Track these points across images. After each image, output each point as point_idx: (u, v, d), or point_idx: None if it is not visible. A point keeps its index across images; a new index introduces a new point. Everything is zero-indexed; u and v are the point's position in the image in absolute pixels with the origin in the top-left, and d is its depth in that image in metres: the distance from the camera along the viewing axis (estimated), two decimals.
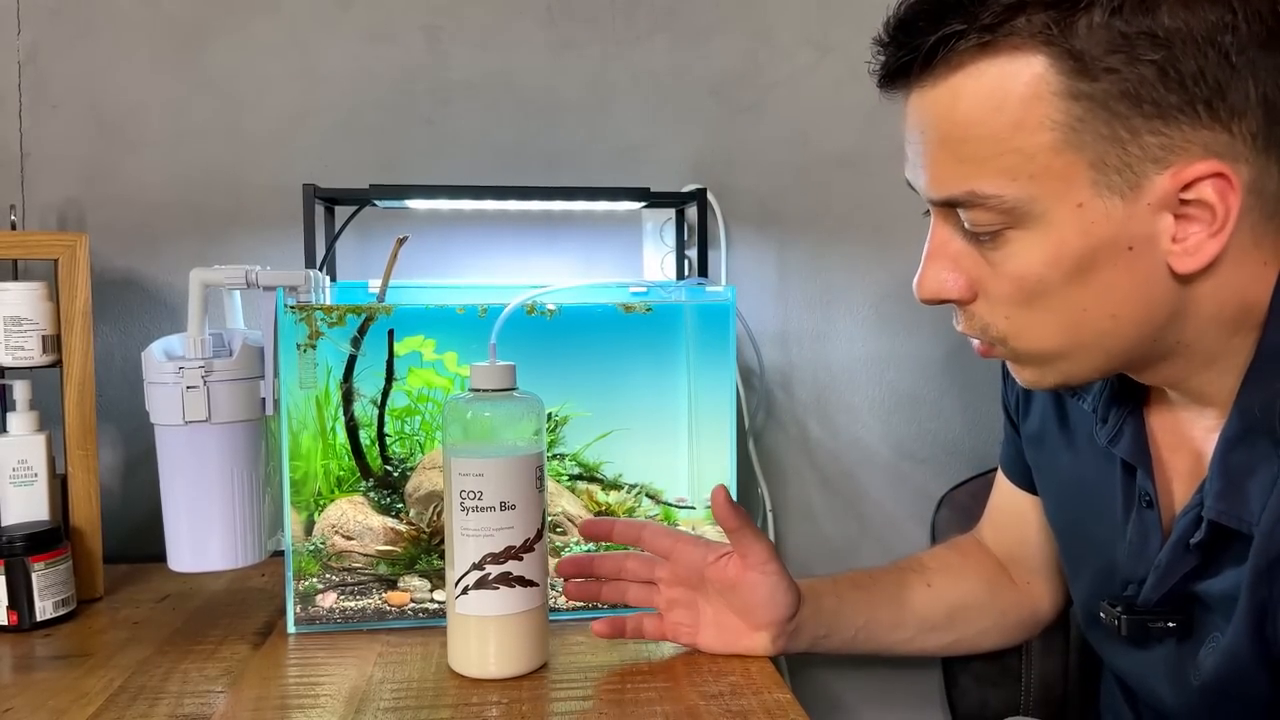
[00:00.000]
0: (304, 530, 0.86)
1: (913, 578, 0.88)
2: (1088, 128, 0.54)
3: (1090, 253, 0.57)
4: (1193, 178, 0.54)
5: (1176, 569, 0.65)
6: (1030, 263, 0.58)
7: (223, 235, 1.13)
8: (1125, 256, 0.56)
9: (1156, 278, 0.57)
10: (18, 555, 0.86)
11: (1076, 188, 0.55)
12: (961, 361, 1.22)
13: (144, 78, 1.12)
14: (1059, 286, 0.58)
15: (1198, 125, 0.54)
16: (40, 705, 0.72)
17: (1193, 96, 0.53)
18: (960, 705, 1.13)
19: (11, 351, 0.93)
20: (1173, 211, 0.56)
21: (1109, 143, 0.54)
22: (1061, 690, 1.09)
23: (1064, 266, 0.57)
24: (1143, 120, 0.54)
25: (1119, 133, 0.54)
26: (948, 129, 0.58)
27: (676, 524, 0.92)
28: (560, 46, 1.16)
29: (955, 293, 0.63)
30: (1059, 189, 0.56)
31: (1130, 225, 0.56)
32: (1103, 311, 0.58)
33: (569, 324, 0.88)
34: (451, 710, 0.71)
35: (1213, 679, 0.64)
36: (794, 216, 1.19)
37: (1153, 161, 0.54)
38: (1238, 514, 0.59)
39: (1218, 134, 0.54)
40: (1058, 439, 0.79)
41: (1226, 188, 0.54)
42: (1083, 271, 0.57)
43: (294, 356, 0.84)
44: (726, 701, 0.72)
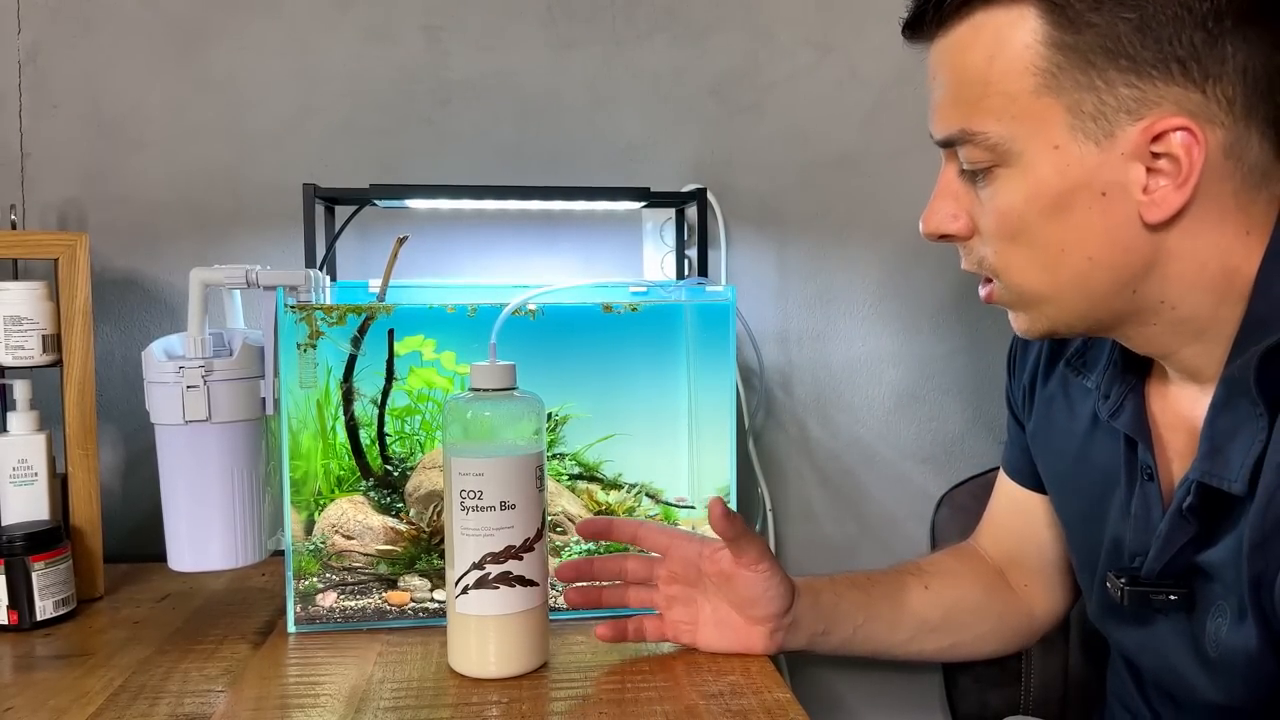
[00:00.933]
0: (304, 530, 0.86)
1: (910, 580, 0.88)
2: (1066, 75, 0.60)
3: (1066, 193, 0.61)
4: (1161, 130, 0.58)
5: (1176, 538, 0.66)
6: (1012, 199, 0.63)
7: (223, 235, 1.13)
8: (1099, 201, 0.61)
9: (1128, 225, 0.61)
10: (18, 555, 0.86)
11: (1053, 129, 0.61)
12: (961, 361, 1.22)
13: (144, 78, 1.12)
14: (1037, 223, 0.63)
15: (1170, 83, 0.58)
16: (41, 705, 0.72)
17: (1167, 55, 0.58)
18: (960, 705, 1.13)
19: (12, 351, 0.93)
20: (1144, 163, 0.60)
21: (1085, 90, 0.59)
22: (1062, 690, 1.09)
23: (1041, 204, 0.62)
24: (1118, 73, 0.59)
25: (1095, 82, 0.59)
26: (953, 73, 0.64)
27: (677, 523, 0.92)
28: (560, 46, 1.16)
29: (954, 227, 0.68)
30: (1037, 130, 0.61)
31: (1103, 171, 0.60)
32: (1080, 252, 0.63)
33: (569, 324, 0.88)
34: (451, 710, 0.71)
35: (1227, 652, 0.64)
36: (794, 216, 1.20)
37: (1126, 112, 0.59)
38: (1220, 474, 0.62)
39: (1190, 93, 0.58)
40: (1064, 425, 0.80)
41: (1192, 142, 0.58)
42: (1059, 210, 0.62)
43: (294, 356, 0.84)
44: (726, 701, 0.72)
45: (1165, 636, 0.71)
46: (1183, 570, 0.67)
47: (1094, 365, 0.77)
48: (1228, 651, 0.64)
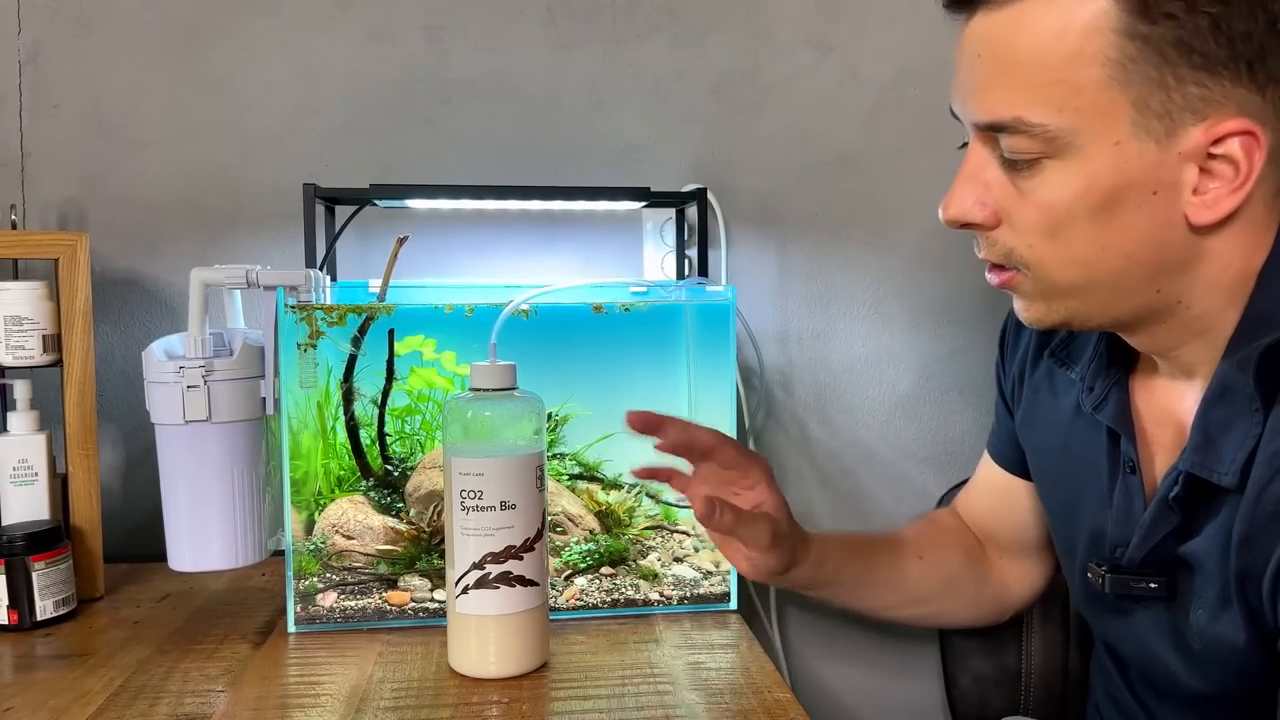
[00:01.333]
0: (304, 530, 0.86)
1: (908, 549, 0.90)
2: (1138, 68, 0.57)
3: (1118, 191, 0.59)
4: (1224, 133, 0.57)
5: (1159, 528, 0.66)
6: (1061, 193, 0.60)
7: (223, 235, 1.13)
8: (1149, 200, 0.59)
9: (1172, 225, 0.60)
10: (18, 555, 0.86)
11: (1117, 125, 0.58)
12: (961, 361, 1.22)
13: (144, 78, 1.12)
14: (1083, 220, 0.60)
15: (1237, 84, 0.56)
16: (41, 705, 0.72)
17: (1238, 55, 0.56)
18: (960, 705, 1.13)
19: (12, 351, 0.93)
20: (1199, 164, 0.58)
21: (1155, 86, 0.57)
22: (1062, 690, 1.09)
23: (1091, 200, 0.60)
24: (1189, 70, 0.56)
25: (1166, 78, 0.56)
26: (1005, 53, 0.60)
27: (676, 523, 0.92)
28: (560, 46, 1.16)
29: (980, 216, 0.64)
30: (1100, 125, 0.58)
31: (1159, 170, 0.58)
32: (1120, 250, 0.61)
33: (569, 324, 0.88)
34: (451, 710, 0.71)
35: (1210, 644, 0.65)
36: (794, 216, 1.19)
37: (1191, 111, 0.57)
38: (1210, 466, 0.62)
39: (1253, 95, 0.57)
40: (1048, 415, 0.80)
41: (1254, 146, 0.57)
42: (1108, 208, 0.60)
43: (294, 356, 0.85)
44: (727, 701, 0.72)
45: (1147, 626, 0.71)
46: (1164, 560, 0.68)
47: (1078, 357, 0.76)
48: (1211, 643, 0.65)
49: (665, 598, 0.91)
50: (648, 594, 0.91)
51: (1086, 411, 0.73)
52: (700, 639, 0.85)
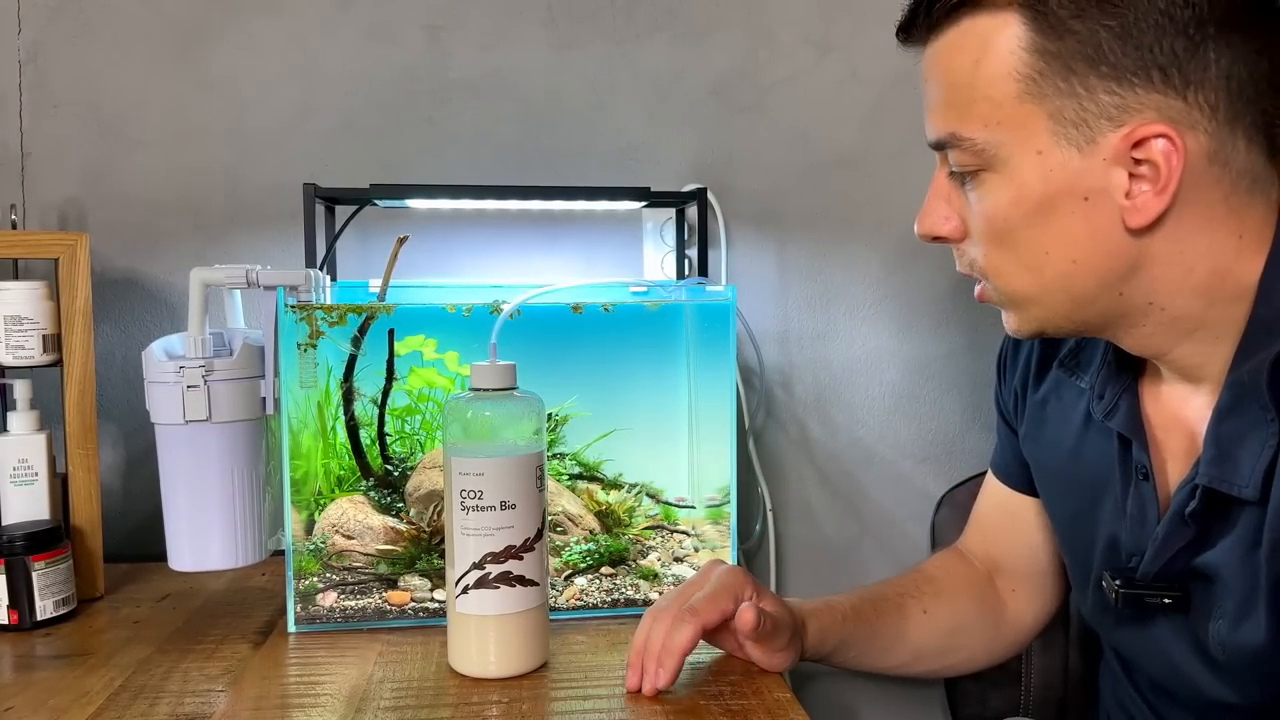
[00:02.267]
0: (304, 529, 0.86)
1: (910, 604, 0.88)
2: (1048, 81, 0.60)
3: (1049, 198, 0.62)
4: (1141, 137, 0.59)
5: (1173, 542, 0.67)
6: (998, 203, 0.64)
7: (223, 235, 1.13)
8: (1082, 206, 0.62)
9: (1111, 229, 0.62)
10: (18, 554, 0.86)
11: (1036, 136, 0.61)
12: (961, 361, 1.22)
13: (144, 77, 1.12)
14: (1022, 227, 0.64)
15: (1151, 90, 0.59)
16: (41, 704, 0.72)
17: (1148, 62, 0.58)
18: (961, 706, 1.13)
19: (12, 351, 0.93)
20: (1127, 169, 0.60)
21: (1067, 97, 0.60)
22: (1061, 690, 1.09)
23: (1025, 208, 0.63)
24: (1098, 79, 0.59)
25: (1076, 89, 0.60)
26: (943, 75, 0.65)
27: (676, 523, 0.92)
28: (560, 46, 1.16)
29: (946, 229, 0.69)
30: (1021, 136, 0.62)
31: (1085, 177, 0.61)
32: (1063, 255, 0.63)
33: (569, 324, 0.88)
34: (452, 709, 0.71)
35: (1235, 653, 0.64)
36: (794, 216, 1.20)
37: (1107, 119, 0.60)
38: (1229, 479, 0.62)
39: (1171, 100, 0.59)
40: (1057, 424, 0.80)
41: (1171, 150, 0.58)
42: (1042, 214, 0.63)
43: (294, 356, 0.85)
44: (726, 701, 0.72)
45: (1165, 636, 0.71)
46: (1179, 573, 0.68)
47: (1087, 365, 0.77)
48: (1234, 651, 0.64)
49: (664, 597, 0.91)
50: (648, 594, 0.91)
51: (1098, 419, 0.74)
52: None
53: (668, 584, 0.91)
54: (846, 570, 1.22)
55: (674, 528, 0.92)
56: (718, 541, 0.93)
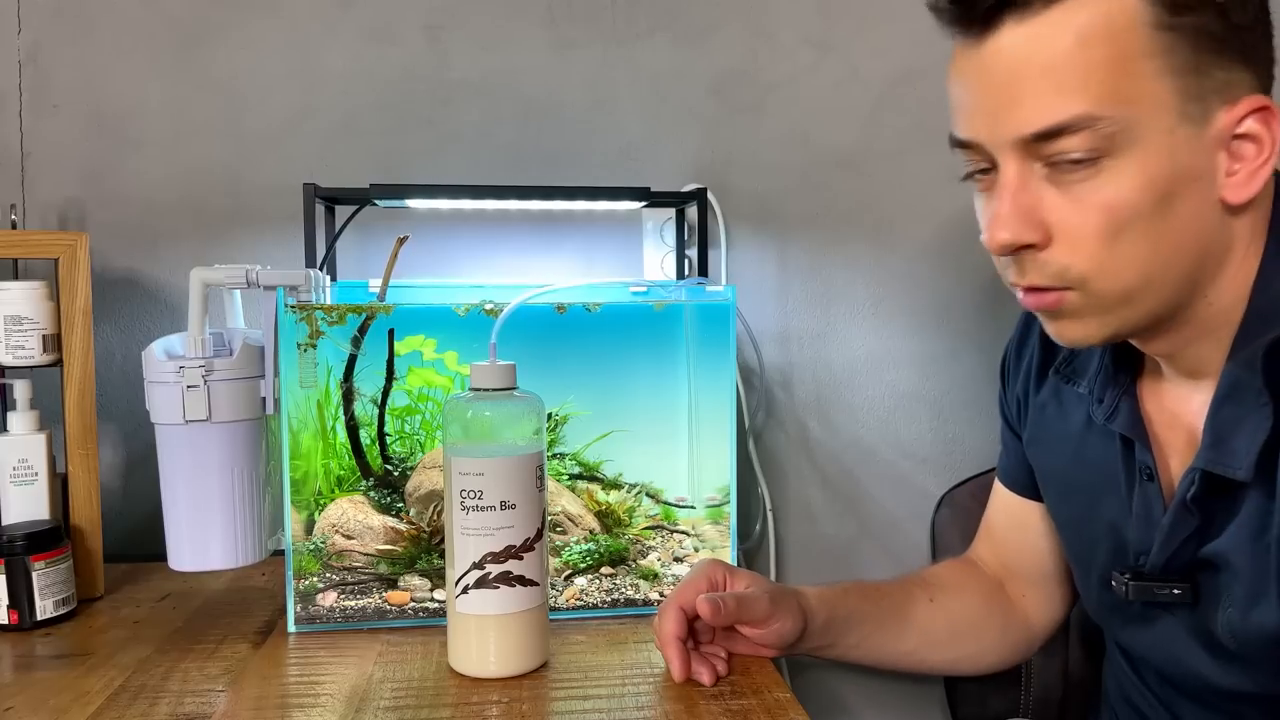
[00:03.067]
0: (304, 529, 0.86)
1: (917, 592, 0.89)
2: (1178, 57, 0.59)
3: (1174, 179, 0.60)
4: (1244, 111, 0.60)
5: (1179, 531, 0.67)
6: (1123, 189, 0.60)
7: (223, 234, 1.13)
8: (1193, 187, 0.61)
9: (1213, 210, 0.62)
10: (18, 554, 0.86)
11: (1168, 113, 0.59)
12: (962, 361, 1.22)
13: (144, 77, 1.12)
14: (1147, 214, 0.60)
15: (1246, 66, 0.60)
16: (41, 704, 0.72)
17: (1239, 42, 0.60)
18: (961, 706, 1.13)
19: (12, 351, 0.93)
20: (1225, 148, 0.61)
21: (1192, 73, 0.59)
22: (1062, 691, 1.09)
23: (1155, 192, 0.60)
24: (1211, 56, 0.59)
25: (1198, 64, 0.59)
26: (1051, 57, 0.60)
27: (676, 523, 0.92)
28: (560, 46, 1.16)
29: (1034, 235, 0.62)
30: (1155, 113, 0.59)
31: (1199, 156, 0.60)
32: (1171, 242, 0.61)
33: (569, 323, 0.88)
34: (452, 709, 0.71)
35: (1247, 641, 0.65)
36: (794, 216, 1.20)
37: (1217, 94, 0.60)
38: (1225, 462, 0.63)
39: (1262, 77, 0.61)
40: (1058, 430, 0.80)
41: (1270, 117, 0.60)
42: (1167, 199, 0.60)
43: (294, 356, 0.85)
44: (726, 701, 0.72)
45: (1173, 630, 0.71)
46: (1186, 564, 0.68)
47: (1083, 371, 0.77)
48: (1246, 639, 0.65)
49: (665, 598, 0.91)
50: (648, 594, 0.91)
51: (1099, 422, 0.74)
52: None
53: (668, 584, 0.91)
54: (846, 570, 1.22)
55: (674, 528, 0.92)
56: (718, 541, 0.93)
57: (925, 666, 0.90)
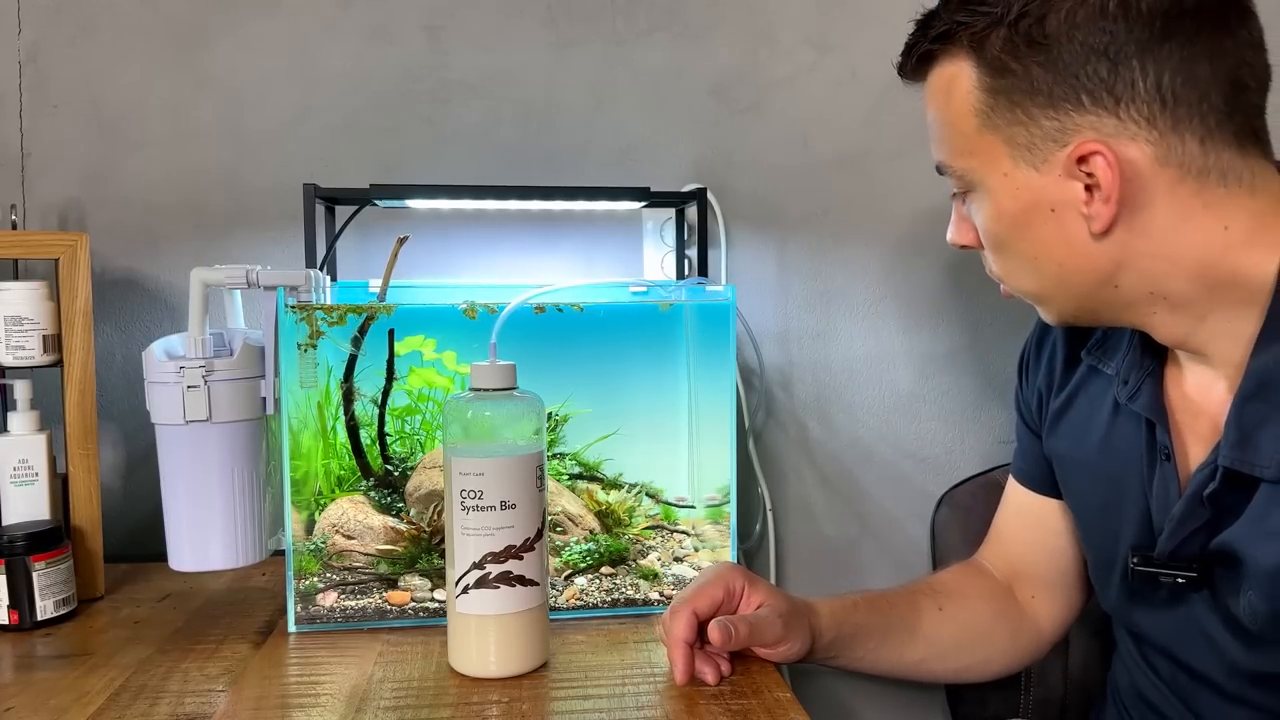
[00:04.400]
0: (305, 529, 0.86)
1: (925, 601, 0.89)
2: (999, 114, 0.68)
3: (1023, 212, 0.69)
4: (1081, 154, 0.65)
5: (1189, 523, 0.69)
6: (984, 219, 0.72)
7: (223, 235, 1.13)
8: (1052, 217, 0.68)
9: (1081, 235, 0.68)
10: (18, 554, 0.87)
11: (999, 160, 0.69)
12: (961, 361, 1.23)
13: (144, 78, 1.12)
14: (1008, 238, 0.71)
15: (1084, 111, 0.65)
16: (41, 704, 0.72)
17: (1076, 88, 0.65)
18: (960, 706, 1.13)
19: (12, 351, 0.93)
20: (1081, 182, 0.66)
21: (1016, 125, 0.67)
22: (1062, 691, 1.09)
23: (1005, 222, 0.71)
24: (1037, 109, 0.66)
25: (1021, 117, 0.67)
26: (930, 114, 0.74)
27: (676, 523, 0.92)
28: (560, 46, 1.16)
29: (968, 239, 0.76)
30: (987, 161, 0.70)
31: (1048, 191, 0.68)
32: (1049, 259, 0.70)
33: (569, 323, 0.88)
34: (452, 709, 0.71)
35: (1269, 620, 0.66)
36: (794, 216, 1.20)
37: (1052, 141, 0.66)
38: (1250, 460, 0.65)
39: (1104, 118, 0.65)
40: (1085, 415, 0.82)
41: (1105, 164, 0.64)
42: (1020, 226, 0.70)
43: (294, 356, 0.85)
44: (726, 701, 0.72)
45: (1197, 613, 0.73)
46: (1196, 554, 0.70)
47: (1114, 352, 0.79)
48: (1268, 620, 0.66)
49: (665, 597, 0.91)
50: (648, 593, 0.91)
51: (1122, 402, 0.76)
52: None
53: (668, 584, 0.91)
54: (846, 570, 1.22)
55: (674, 528, 0.92)
56: (718, 541, 0.93)
57: (932, 676, 0.91)
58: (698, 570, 0.92)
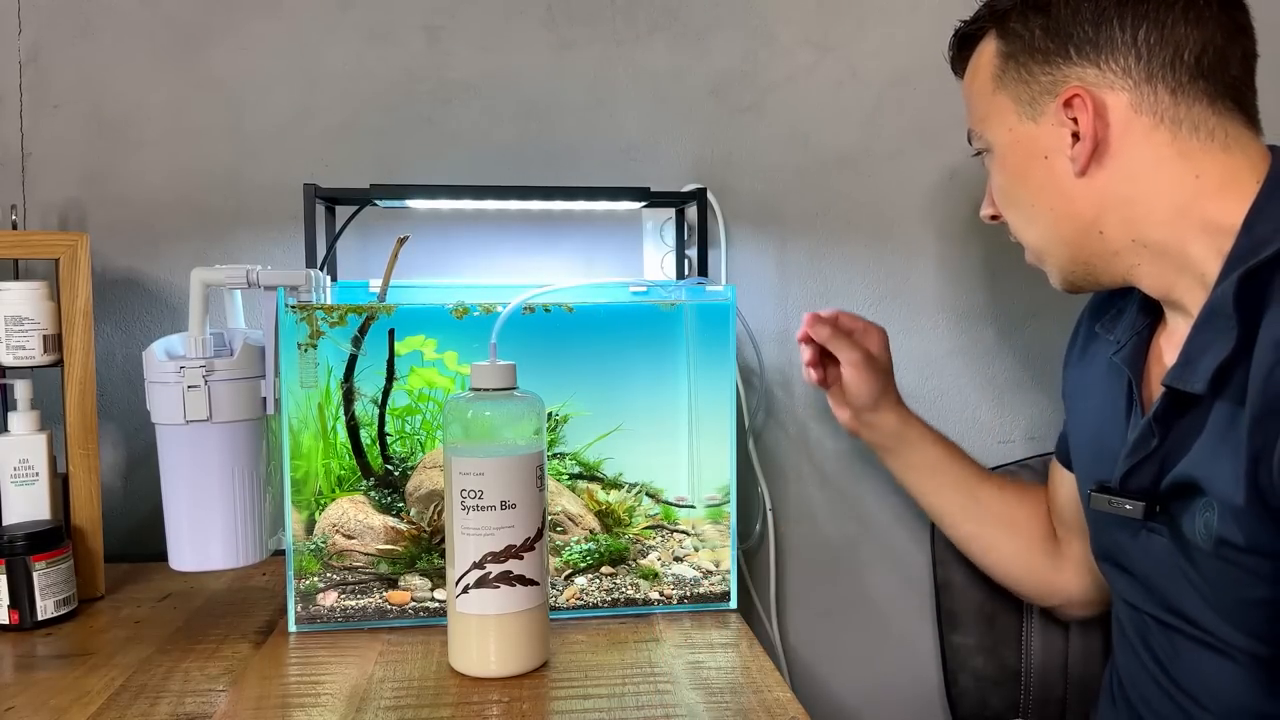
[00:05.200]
0: (305, 529, 0.86)
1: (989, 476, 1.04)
2: (1008, 74, 0.80)
3: (1021, 161, 0.80)
4: (1066, 99, 0.76)
5: (1139, 450, 0.76)
6: (997, 175, 0.84)
7: (224, 235, 1.13)
8: (1044, 163, 0.78)
9: (1069, 178, 0.77)
10: (19, 554, 0.87)
11: (1007, 117, 0.80)
12: (962, 361, 1.23)
13: (145, 78, 1.12)
14: (1011, 190, 0.82)
15: (1071, 64, 0.76)
16: (42, 704, 0.72)
17: (1066, 43, 0.76)
18: (960, 705, 1.13)
19: (13, 351, 0.93)
20: (1069, 129, 0.76)
21: (1020, 84, 0.79)
22: (1062, 690, 1.09)
23: (1009, 174, 0.82)
24: (1035, 65, 0.78)
25: (1024, 75, 0.78)
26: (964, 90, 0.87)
27: (676, 523, 0.92)
28: (560, 46, 1.16)
29: (991, 209, 0.87)
30: (998, 119, 0.81)
31: (1042, 140, 0.78)
32: (1045, 205, 0.80)
33: (569, 323, 0.88)
34: (452, 709, 0.71)
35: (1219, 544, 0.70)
36: (794, 216, 1.20)
37: (1046, 93, 0.77)
38: (1186, 379, 0.71)
39: (1087, 69, 0.75)
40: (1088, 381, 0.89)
41: (1082, 106, 0.75)
42: (1021, 175, 0.81)
43: (295, 356, 0.85)
44: (727, 701, 0.72)
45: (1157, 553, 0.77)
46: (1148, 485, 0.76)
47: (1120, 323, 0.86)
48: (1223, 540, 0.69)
49: (665, 597, 0.91)
50: (648, 593, 0.91)
51: (1110, 357, 0.84)
52: (700, 638, 0.85)
53: (668, 584, 0.91)
54: (846, 570, 1.22)
55: (674, 527, 0.92)
56: (718, 541, 0.93)
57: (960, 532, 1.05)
58: (698, 570, 0.92)
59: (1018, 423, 1.22)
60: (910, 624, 1.23)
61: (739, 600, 0.93)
